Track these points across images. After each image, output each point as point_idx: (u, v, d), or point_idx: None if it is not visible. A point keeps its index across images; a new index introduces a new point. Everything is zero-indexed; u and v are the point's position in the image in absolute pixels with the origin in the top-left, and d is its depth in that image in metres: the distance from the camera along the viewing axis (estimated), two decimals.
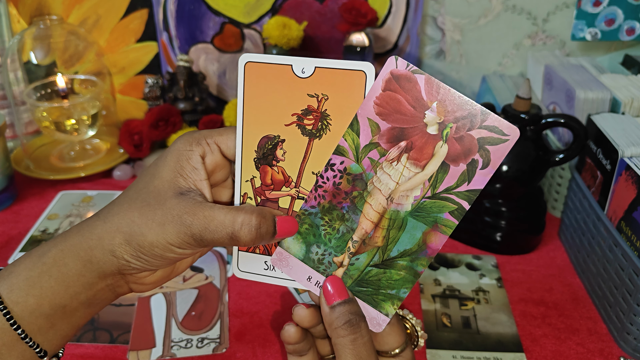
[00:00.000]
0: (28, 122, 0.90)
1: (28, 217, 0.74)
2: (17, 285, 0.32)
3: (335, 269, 0.36)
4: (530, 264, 0.66)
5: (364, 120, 0.33)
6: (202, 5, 0.89)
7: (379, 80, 0.33)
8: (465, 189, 0.33)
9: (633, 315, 0.52)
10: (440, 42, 0.91)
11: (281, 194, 0.36)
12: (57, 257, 0.33)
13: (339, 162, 0.34)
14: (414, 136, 0.33)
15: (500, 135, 0.31)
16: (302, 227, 0.36)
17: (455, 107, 0.32)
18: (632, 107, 0.65)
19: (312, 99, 0.34)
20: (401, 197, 0.34)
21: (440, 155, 0.33)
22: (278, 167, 0.36)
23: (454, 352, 0.53)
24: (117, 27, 0.90)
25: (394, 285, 0.35)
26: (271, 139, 0.35)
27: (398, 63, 0.33)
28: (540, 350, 0.53)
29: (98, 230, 0.33)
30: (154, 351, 0.53)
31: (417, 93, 0.32)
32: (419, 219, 0.34)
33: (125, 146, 0.85)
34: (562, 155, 0.63)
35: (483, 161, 0.32)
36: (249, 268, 0.38)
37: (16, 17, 0.88)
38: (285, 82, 0.34)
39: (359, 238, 0.35)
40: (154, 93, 0.85)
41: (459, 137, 0.32)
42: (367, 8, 0.82)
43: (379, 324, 0.36)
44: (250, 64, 0.35)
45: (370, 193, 0.34)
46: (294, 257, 0.36)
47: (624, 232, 0.54)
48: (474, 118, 0.32)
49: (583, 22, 0.81)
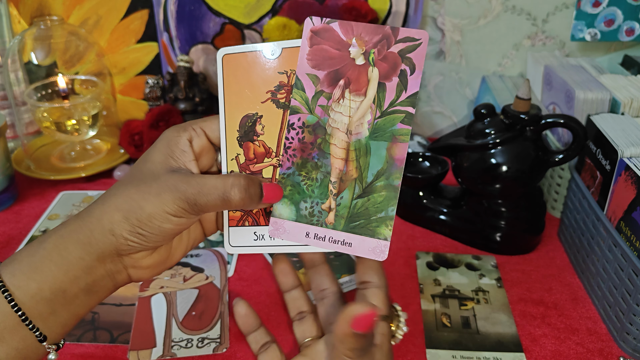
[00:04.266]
0: (29, 122, 0.90)
1: (29, 218, 0.74)
2: (19, 270, 0.33)
3: (326, 215, 0.38)
4: (530, 264, 0.66)
5: (304, 76, 0.38)
6: (203, 6, 0.89)
7: (304, 40, 0.38)
8: (405, 97, 0.37)
9: (632, 315, 0.52)
10: (440, 42, 0.91)
11: (264, 165, 0.39)
12: (57, 242, 0.34)
13: (296, 119, 0.38)
14: (348, 72, 0.37)
15: (413, 42, 0.36)
16: (285, 190, 0.39)
17: (371, 35, 0.37)
18: (632, 108, 0.66)
19: (283, 76, 0.38)
20: (357, 127, 0.38)
21: (374, 79, 0.37)
22: (259, 141, 0.39)
23: (453, 352, 0.53)
24: (118, 28, 0.90)
25: (381, 207, 0.38)
26: (250, 117, 0.39)
27: (314, 21, 0.38)
28: (539, 350, 0.53)
29: (97, 212, 0.35)
30: (154, 351, 0.53)
31: (336, 37, 0.37)
32: (379, 139, 0.37)
33: (126, 146, 0.85)
34: (562, 156, 0.63)
35: (410, 68, 0.36)
36: (239, 242, 0.40)
37: (17, 18, 0.88)
38: (258, 65, 0.38)
39: (336, 178, 0.38)
40: (155, 93, 0.86)
41: (383, 57, 0.37)
42: (367, 8, 0.83)
43: (381, 250, 0.38)
44: (227, 55, 0.39)
45: (331, 134, 0.38)
46: (288, 221, 0.39)
47: (623, 232, 0.54)
48: (388, 38, 0.37)
49: (582, 22, 0.81)
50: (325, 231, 0.38)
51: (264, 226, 0.39)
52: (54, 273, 0.33)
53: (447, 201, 0.71)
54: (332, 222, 0.38)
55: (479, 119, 0.65)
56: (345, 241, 0.38)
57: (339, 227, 0.38)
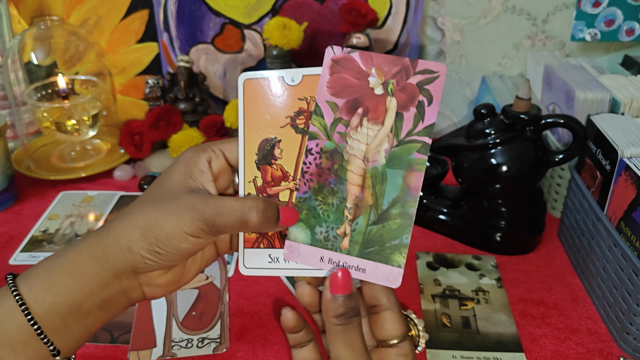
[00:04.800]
0: (29, 122, 0.90)
1: (29, 218, 0.74)
2: (37, 284, 0.34)
3: (341, 240, 0.39)
4: (530, 264, 0.66)
5: (323, 103, 0.39)
6: (203, 6, 0.89)
7: (325, 68, 0.39)
8: (422, 127, 0.38)
9: (633, 315, 0.52)
10: (440, 42, 0.91)
11: (281, 188, 0.40)
12: (75, 257, 0.35)
13: (314, 145, 0.39)
14: (366, 101, 0.38)
15: (432, 75, 0.37)
16: (302, 214, 0.39)
17: (390, 66, 0.38)
18: (632, 108, 0.66)
19: (302, 102, 0.39)
20: (374, 154, 0.38)
21: (392, 108, 0.38)
22: (277, 165, 0.40)
23: (453, 352, 0.53)
24: (118, 28, 0.90)
25: (395, 235, 0.38)
26: (269, 141, 0.40)
27: (335, 50, 0.39)
28: (539, 350, 0.53)
29: (115, 229, 0.35)
30: (154, 351, 0.53)
31: (356, 67, 0.38)
32: (395, 167, 0.38)
33: (126, 146, 0.85)
34: (562, 156, 0.63)
35: (427, 99, 0.37)
36: (254, 264, 0.40)
37: (17, 18, 0.88)
38: (278, 91, 0.39)
39: (352, 204, 0.39)
40: (155, 93, 0.86)
41: (401, 88, 0.38)
42: (367, 9, 0.83)
43: (395, 277, 0.38)
44: (248, 80, 0.40)
45: (349, 161, 0.39)
46: (303, 244, 0.39)
47: (623, 232, 0.54)
48: (407, 69, 0.37)
49: (582, 22, 0.81)
50: (340, 256, 0.39)
51: (278, 249, 0.40)
52: (70, 288, 0.34)
53: (447, 201, 0.71)
54: (347, 248, 0.39)
55: (479, 119, 0.65)
56: (360, 267, 0.38)
57: (353, 253, 0.38)
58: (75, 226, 0.72)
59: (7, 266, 0.64)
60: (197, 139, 0.82)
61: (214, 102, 0.96)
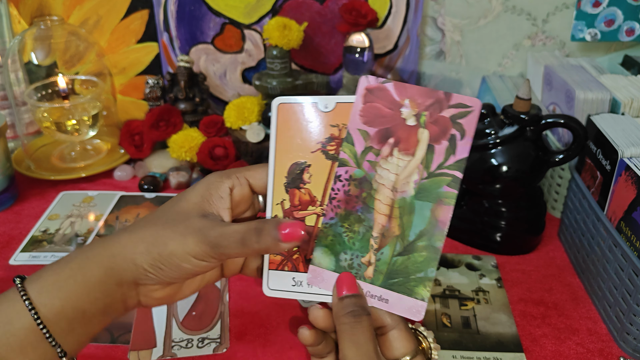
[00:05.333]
0: (29, 122, 0.90)
1: (29, 218, 0.74)
2: (46, 288, 0.35)
3: (366, 269, 0.39)
4: (530, 264, 0.66)
5: (355, 131, 0.39)
6: (203, 6, 0.89)
7: (358, 97, 0.39)
8: (453, 161, 0.37)
9: (633, 315, 0.52)
10: (440, 42, 0.91)
11: (307, 213, 0.40)
12: (83, 263, 0.36)
13: (343, 172, 0.39)
14: (398, 131, 0.38)
15: (465, 109, 0.37)
16: (327, 239, 0.39)
17: (424, 98, 0.38)
18: (632, 108, 0.66)
19: (334, 129, 0.40)
20: (403, 185, 0.38)
21: (424, 140, 0.38)
22: (305, 189, 0.40)
23: (453, 352, 0.53)
24: (118, 28, 0.90)
25: (420, 268, 0.38)
26: (299, 165, 0.40)
27: (369, 79, 0.39)
28: (540, 350, 0.53)
29: (123, 240, 0.36)
30: (154, 351, 0.53)
31: (390, 97, 0.39)
32: (424, 199, 0.38)
33: (126, 146, 0.85)
34: (562, 156, 0.63)
35: (460, 133, 0.37)
36: (277, 286, 0.41)
37: (17, 18, 0.88)
38: (311, 116, 0.40)
39: (378, 233, 0.38)
40: (155, 93, 0.86)
41: (434, 121, 0.38)
42: (367, 9, 0.83)
43: (418, 311, 0.38)
44: (282, 104, 0.40)
45: (377, 190, 0.38)
46: (327, 270, 0.39)
47: (623, 232, 0.54)
48: (440, 102, 0.37)
49: (583, 22, 0.81)
50: (363, 285, 0.39)
51: (302, 273, 0.40)
52: (77, 293, 0.35)
53: None
54: (371, 277, 0.38)
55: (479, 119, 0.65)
56: (382, 297, 0.38)
57: (377, 282, 0.38)
58: (75, 226, 0.72)
59: (7, 266, 0.64)
60: (197, 139, 0.82)
61: (214, 102, 0.96)
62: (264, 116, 0.81)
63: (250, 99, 0.82)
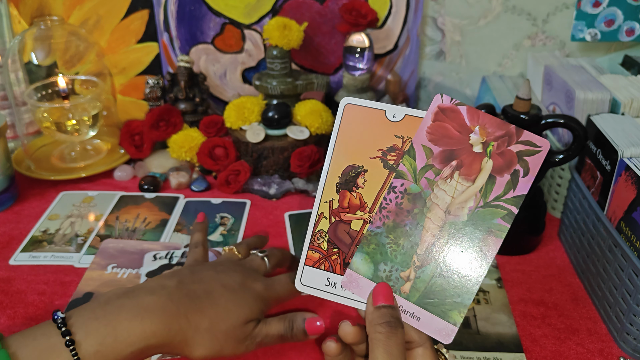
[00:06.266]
0: (29, 122, 0.90)
1: (29, 218, 0.74)
2: (93, 340, 0.39)
3: (403, 284, 0.39)
4: (530, 264, 0.66)
5: (419, 147, 0.39)
6: (203, 6, 0.89)
7: (429, 114, 0.39)
8: (512, 196, 0.37)
9: (633, 315, 0.52)
10: (440, 42, 0.91)
11: (355, 217, 0.40)
12: (135, 339, 0.41)
13: (399, 184, 0.39)
14: (462, 155, 0.38)
15: (534, 147, 0.37)
16: (369, 247, 0.39)
17: (495, 128, 0.38)
18: (632, 108, 0.66)
19: (398, 140, 0.40)
20: (457, 209, 0.38)
21: (487, 169, 0.38)
22: (357, 193, 0.40)
23: (454, 352, 0.53)
24: (118, 28, 0.90)
25: (458, 293, 0.38)
26: (355, 168, 0.40)
27: (443, 99, 0.39)
28: (540, 351, 0.53)
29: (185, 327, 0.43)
30: None
31: (461, 120, 0.38)
32: (475, 227, 0.38)
33: (126, 147, 0.85)
34: (562, 156, 0.63)
35: (523, 170, 0.37)
36: (311, 282, 0.41)
37: (17, 18, 0.88)
38: (376, 123, 0.40)
39: (422, 251, 0.39)
40: (155, 94, 0.86)
41: (500, 153, 0.38)
42: (367, 9, 0.83)
43: (447, 334, 0.38)
44: (349, 105, 0.40)
45: (430, 208, 0.38)
46: (364, 277, 0.39)
47: (623, 232, 0.54)
48: (510, 136, 0.37)
49: (583, 22, 0.81)
50: (398, 299, 0.39)
51: (338, 275, 0.40)
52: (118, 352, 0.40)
53: None
54: (407, 292, 0.38)
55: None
56: (415, 314, 0.38)
57: (412, 299, 0.38)
58: (76, 226, 0.72)
59: (7, 266, 0.64)
60: (197, 139, 0.82)
61: (214, 102, 0.96)
62: (264, 116, 0.81)
63: (250, 99, 0.82)
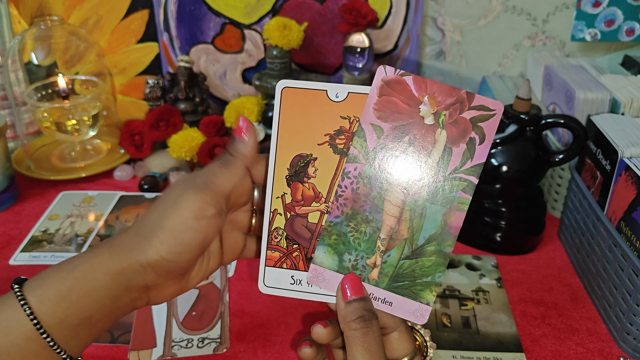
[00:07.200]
0: (29, 122, 0.90)
1: (29, 218, 0.74)
2: (47, 298, 0.34)
3: (370, 271, 0.37)
4: (530, 264, 0.66)
5: (368, 126, 0.36)
6: (203, 6, 0.89)
7: (374, 88, 0.36)
8: (470, 166, 0.36)
9: (633, 315, 0.52)
10: (440, 42, 0.91)
11: (311, 209, 0.38)
12: (87, 270, 0.35)
13: (353, 169, 0.37)
14: (414, 130, 0.36)
15: (487, 112, 0.35)
16: (330, 238, 0.37)
17: (445, 96, 0.35)
18: (632, 108, 0.66)
19: (345, 121, 0.37)
20: (416, 188, 0.36)
21: (441, 141, 0.36)
22: (309, 184, 0.38)
23: (454, 352, 0.53)
24: (118, 28, 0.90)
25: (428, 272, 0.37)
26: (303, 157, 0.37)
27: (387, 70, 0.36)
28: (540, 350, 0.53)
29: (129, 243, 0.35)
30: (154, 351, 0.53)
31: (408, 92, 0.36)
32: (436, 203, 0.36)
33: (126, 146, 0.85)
34: (562, 156, 0.63)
35: (479, 137, 0.35)
36: (274, 283, 0.39)
37: (17, 18, 0.88)
38: (319, 105, 0.37)
39: (386, 235, 0.37)
40: (155, 94, 0.86)
41: (453, 122, 0.35)
42: (367, 9, 0.83)
43: (422, 314, 0.37)
44: (287, 89, 0.37)
45: (388, 190, 0.36)
46: (329, 270, 0.38)
47: (623, 232, 0.54)
48: (462, 102, 0.35)
49: (583, 22, 0.81)
50: (368, 287, 0.37)
51: (302, 271, 0.38)
52: (82, 301, 0.34)
53: None
54: (375, 279, 0.37)
55: None
56: (386, 300, 0.37)
57: (381, 285, 0.37)
58: (76, 226, 0.72)
59: (7, 266, 0.64)
60: (197, 139, 0.82)
61: (214, 102, 0.96)
62: (264, 116, 0.81)
63: (250, 99, 0.82)
